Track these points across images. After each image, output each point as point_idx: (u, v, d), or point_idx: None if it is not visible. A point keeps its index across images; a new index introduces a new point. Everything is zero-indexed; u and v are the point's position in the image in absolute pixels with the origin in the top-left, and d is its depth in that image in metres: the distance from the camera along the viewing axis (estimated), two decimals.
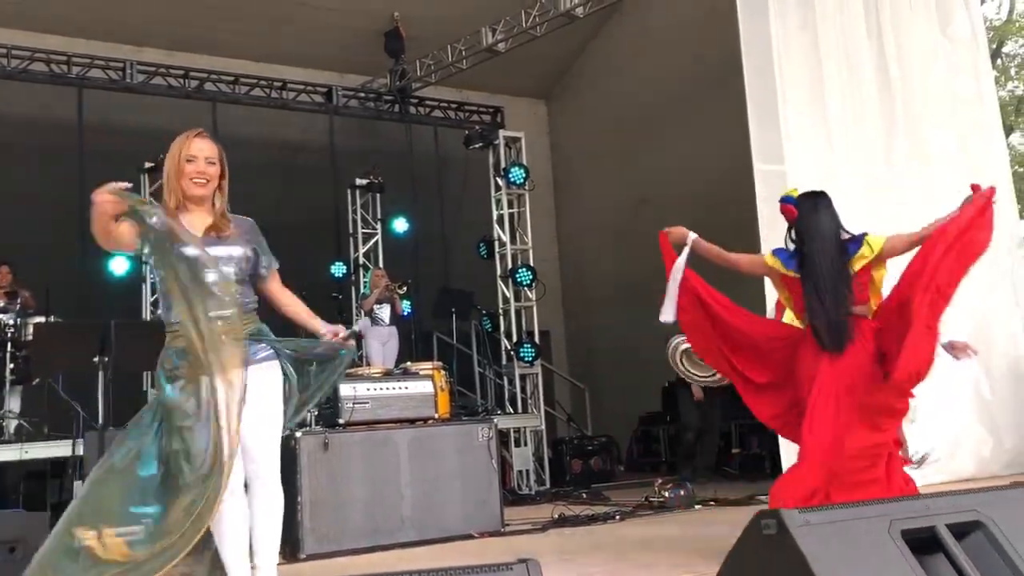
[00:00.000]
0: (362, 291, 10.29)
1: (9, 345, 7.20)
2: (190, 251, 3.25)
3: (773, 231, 6.69)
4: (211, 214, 3.44)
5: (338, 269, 10.65)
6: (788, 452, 6.64)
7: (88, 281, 9.00)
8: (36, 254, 8.60)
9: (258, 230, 3.56)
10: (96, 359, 4.13)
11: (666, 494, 7.04)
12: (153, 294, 9.28)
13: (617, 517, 6.54)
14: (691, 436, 8.78)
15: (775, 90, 7.03)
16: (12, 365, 7.25)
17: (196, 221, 3.41)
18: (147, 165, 9.47)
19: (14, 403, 7.50)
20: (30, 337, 7.23)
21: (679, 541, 5.48)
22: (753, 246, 6.82)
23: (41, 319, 7.24)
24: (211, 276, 3.26)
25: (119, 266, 9.28)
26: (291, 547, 5.48)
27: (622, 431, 11.54)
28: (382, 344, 9.40)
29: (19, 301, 7.55)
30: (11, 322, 7.23)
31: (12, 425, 7.32)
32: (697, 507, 7.00)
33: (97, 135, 9.73)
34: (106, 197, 3.13)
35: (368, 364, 9.24)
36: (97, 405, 5.55)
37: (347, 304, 10.56)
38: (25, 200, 9.66)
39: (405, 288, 9.56)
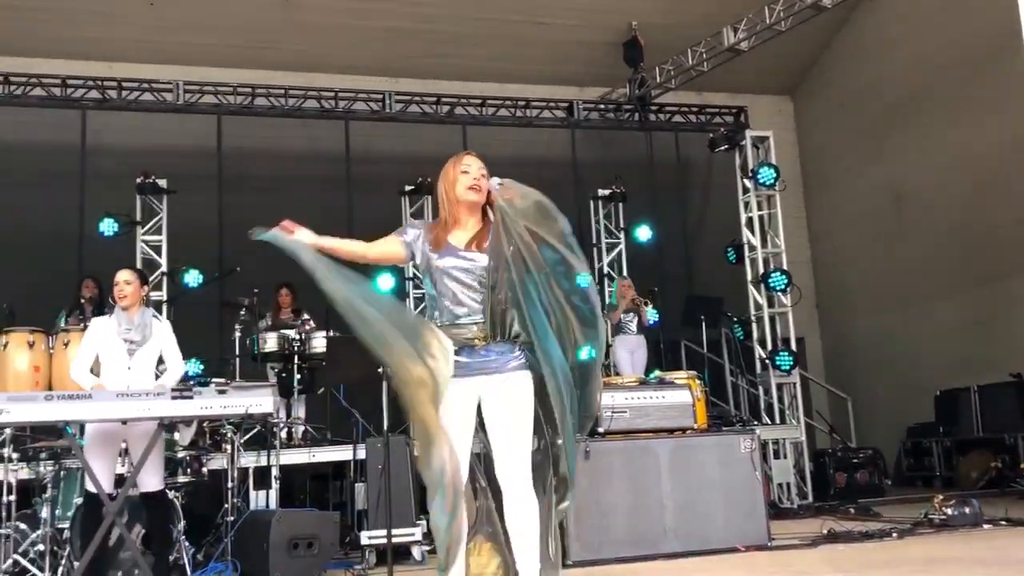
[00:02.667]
0: (608, 301, 10.34)
1: (297, 358, 7.91)
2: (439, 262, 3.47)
3: None
4: (478, 225, 3.55)
5: (583, 280, 10.73)
6: None
7: None
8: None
9: None
10: (381, 369, 4.41)
11: (948, 511, 6.49)
12: (415, 307, 9.88)
13: (894, 535, 6.11)
14: None
15: None
16: (299, 376, 7.96)
17: (461, 236, 3.54)
18: (407, 188, 10.12)
19: (300, 411, 8.25)
20: (313, 351, 7.93)
21: (969, 563, 5.04)
22: None
23: (322, 334, 7.90)
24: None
25: (385, 283, 9.95)
26: None
27: (888, 443, 10.79)
28: (630, 353, 9.39)
29: (303, 319, 8.28)
30: (297, 337, 7.94)
31: (299, 431, 8.04)
32: (986, 526, 6.40)
33: (361, 163, 10.53)
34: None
35: (617, 373, 9.28)
36: (379, 413, 5.98)
37: None
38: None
39: (651, 302, 9.51)
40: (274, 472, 6.62)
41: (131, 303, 5.26)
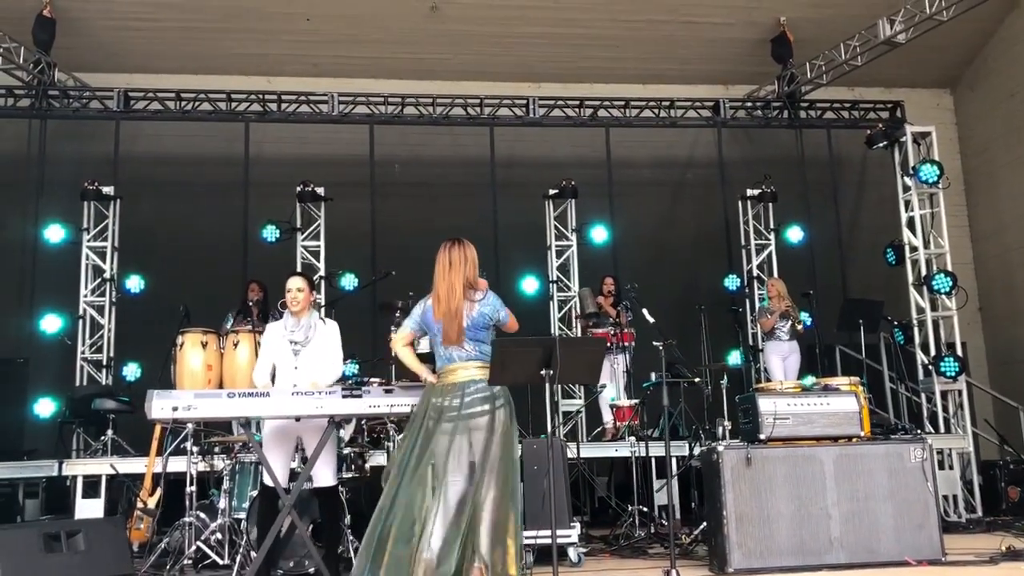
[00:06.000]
0: (759, 303, 10.10)
1: None
2: None
3: None
4: None
5: (731, 282, 10.51)
6: None
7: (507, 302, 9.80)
8: None
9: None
10: (543, 372, 4.46)
11: None
12: (560, 310, 9.93)
13: None
14: None
15: None
16: None
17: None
18: (551, 192, 10.17)
19: None
20: None
21: None
22: None
23: None
24: None
25: (530, 286, 10.05)
26: (719, 560, 5.50)
27: None
28: (782, 359, 9.12)
29: None
30: None
31: None
32: None
33: (506, 168, 10.68)
34: None
35: (768, 380, 9.04)
36: (526, 413, 6.01)
37: (743, 317, 10.41)
38: (451, 230, 10.80)
39: (807, 307, 9.22)
40: None
41: (302, 308, 5.49)
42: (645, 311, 5.90)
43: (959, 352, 9.12)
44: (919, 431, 8.40)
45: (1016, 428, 10.23)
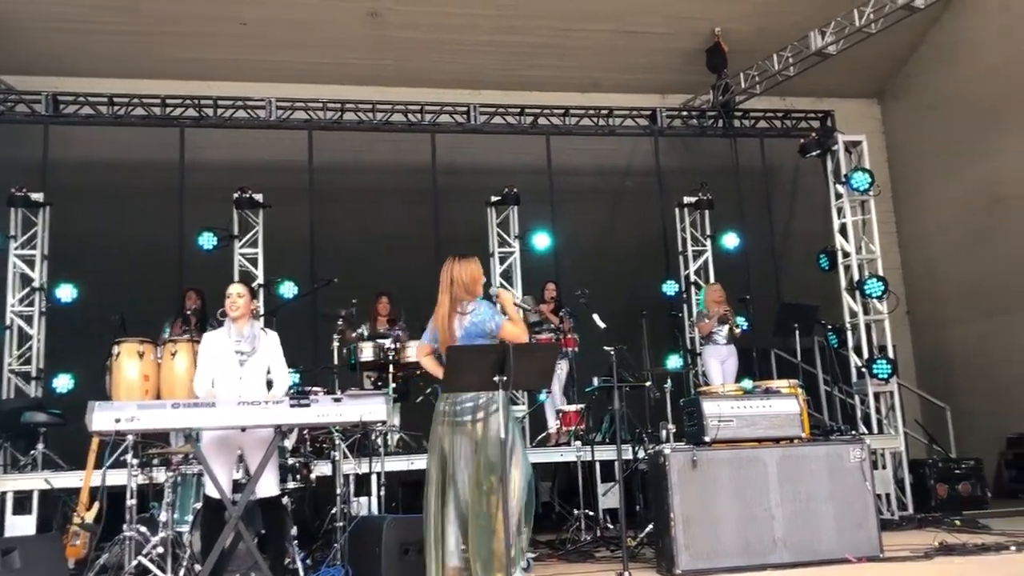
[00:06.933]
0: (696, 308, 10.26)
1: (391, 367, 8.00)
2: None
3: None
4: None
5: (669, 288, 10.68)
6: None
7: None
8: (406, 283, 9.45)
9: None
10: (496, 378, 4.46)
11: None
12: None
13: (1012, 548, 5.93)
14: None
15: None
16: (394, 384, 8.05)
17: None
18: (493, 199, 10.19)
19: (395, 419, 8.34)
20: (408, 360, 8.02)
21: None
22: None
23: (416, 343, 7.98)
24: None
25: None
26: (667, 562, 5.57)
27: (985, 453, 10.43)
28: (721, 363, 9.28)
29: (399, 328, 8.39)
30: (392, 347, 8.03)
31: (395, 438, 8.14)
32: None
33: (447, 175, 10.66)
34: None
35: (707, 383, 9.18)
36: None
37: (682, 322, 10.57)
38: (393, 237, 10.79)
39: (743, 312, 9.41)
40: (380, 479, 6.74)
41: (242, 315, 5.38)
42: (596, 317, 5.95)
43: (890, 354, 9.39)
44: (855, 432, 8.67)
45: (943, 428, 10.62)
